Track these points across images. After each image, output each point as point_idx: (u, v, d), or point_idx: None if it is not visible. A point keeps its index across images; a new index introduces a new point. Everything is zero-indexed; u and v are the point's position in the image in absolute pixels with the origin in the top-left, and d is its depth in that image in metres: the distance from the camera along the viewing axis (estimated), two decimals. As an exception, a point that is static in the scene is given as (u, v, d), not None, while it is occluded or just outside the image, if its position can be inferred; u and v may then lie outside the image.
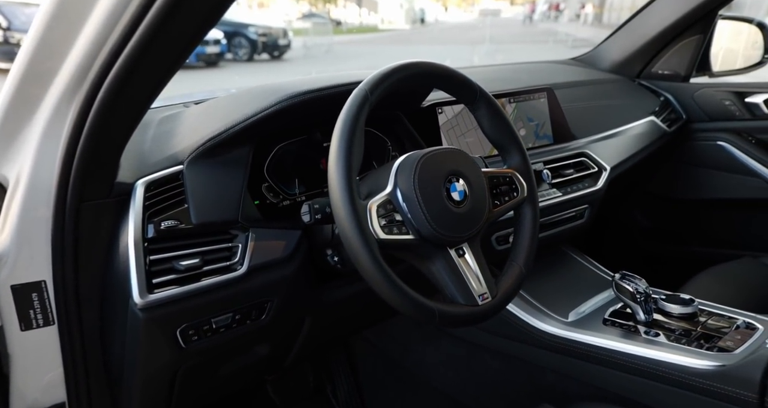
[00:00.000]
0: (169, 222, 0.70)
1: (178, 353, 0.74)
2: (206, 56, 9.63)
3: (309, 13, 25.60)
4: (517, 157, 0.81)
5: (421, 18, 30.67)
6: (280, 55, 11.74)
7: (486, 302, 0.70)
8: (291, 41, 12.00)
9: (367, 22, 30.28)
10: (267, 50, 11.38)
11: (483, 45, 14.58)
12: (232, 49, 10.88)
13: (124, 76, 0.54)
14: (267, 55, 11.47)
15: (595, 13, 23.68)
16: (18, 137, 0.66)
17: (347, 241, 0.61)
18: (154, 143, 0.79)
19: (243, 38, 10.91)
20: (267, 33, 11.23)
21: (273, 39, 11.33)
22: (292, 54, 12.27)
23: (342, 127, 0.64)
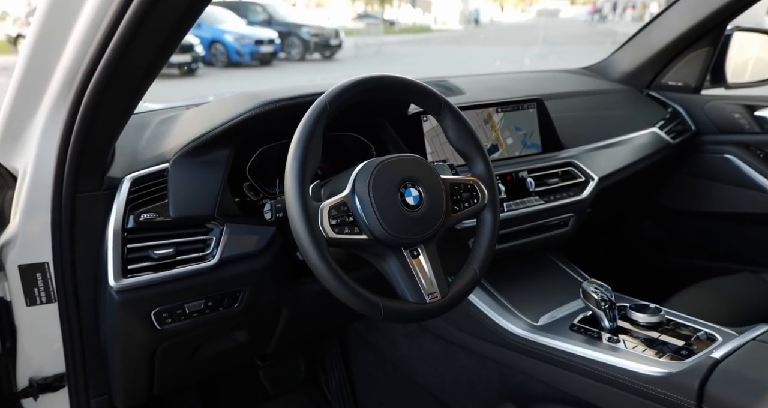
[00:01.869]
0: (148, 214, 0.78)
1: (154, 333, 0.82)
2: (260, 55, 10.02)
3: (363, 13, 25.91)
4: (480, 166, 0.84)
5: (476, 18, 30.25)
6: (332, 55, 11.98)
7: (434, 301, 0.74)
8: (342, 41, 12.22)
9: (421, 22, 30.21)
10: (318, 50, 11.65)
11: (536, 46, 14.23)
12: (286, 49, 11.24)
13: (102, 83, 0.60)
14: (318, 54, 11.76)
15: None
16: (24, 133, 0.73)
17: (298, 239, 0.68)
18: (148, 143, 0.88)
19: (296, 38, 11.24)
20: (319, 33, 11.50)
21: (325, 39, 11.58)
22: (343, 54, 12.49)
23: (299, 135, 0.71)
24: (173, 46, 0.61)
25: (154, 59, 0.61)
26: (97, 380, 0.87)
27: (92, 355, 0.85)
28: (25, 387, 0.82)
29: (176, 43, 0.61)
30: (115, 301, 0.77)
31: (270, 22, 11.22)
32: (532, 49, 13.57)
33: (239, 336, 0.98)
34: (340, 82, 0.76)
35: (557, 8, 44.62)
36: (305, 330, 1.16)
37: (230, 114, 0.83)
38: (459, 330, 1.17)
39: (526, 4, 46.28)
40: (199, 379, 1.03)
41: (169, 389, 0.97)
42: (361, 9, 30.23)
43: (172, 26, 0.57)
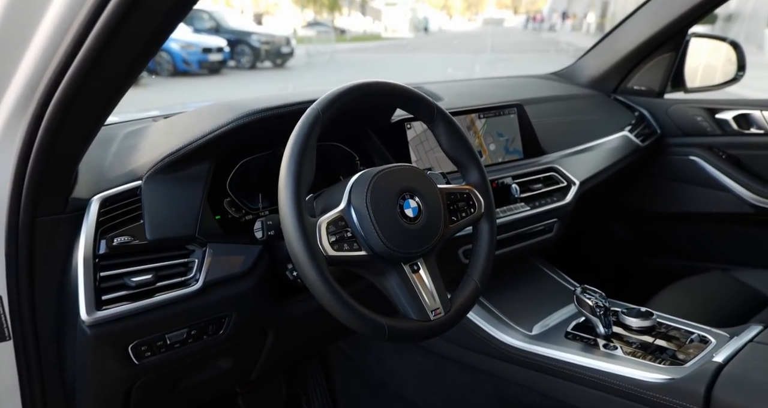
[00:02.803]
0: (122, 238, 0.71)
1: (131, 369, 0.74)
2: (209, 64, 9.73)
3: (313, 21, 25.81)
4: (475, 174, 0.82)
5: (425, 27, 30.87)
6: (283, 63, 11.83)
7: (438, 317, 0.70)
8: (294, 49, 12.10)
9: (371, 30, 30.48)
10: (270, 58, 11.47)
11: (485, 54, 14.67)
12: (235, 57, 10.98)
13: (72, 92, 0.53)
14: (270, 62, 11.57)
15: (597, 22, 23.78)
16: None
17: (295, 259, 0.63)
18: (115, 158, 0.80)
19: (246, 46, 11.01)
20: (270, 41, 11.33)
21: (276, 47, 11.42)
22: (295, 62, 12.37)
23: (292, 146, 0.66)
24: (153, 52, 0.54)
25: (132, 67, 0.54)
26: None
27: (55, 396, 0.76)
28: None
29: (157, 47, 0.54)
30: (87, 336, 0.69)
31: (218, 30, 10.94)
32: (480, 56, 13.97)
33: (223, 364, 0.91)
34: (332, 90, 0.71)
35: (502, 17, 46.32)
36: (291, 353, 1.10)
37: (211, 125, 0.76)
38: (450, 343, 1.14)
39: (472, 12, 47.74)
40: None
41: None
42: (311, 17, 30.11)
43: (155, 29, 0.51)
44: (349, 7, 32.39)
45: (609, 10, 22.96)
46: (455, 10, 50.29)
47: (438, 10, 43.28)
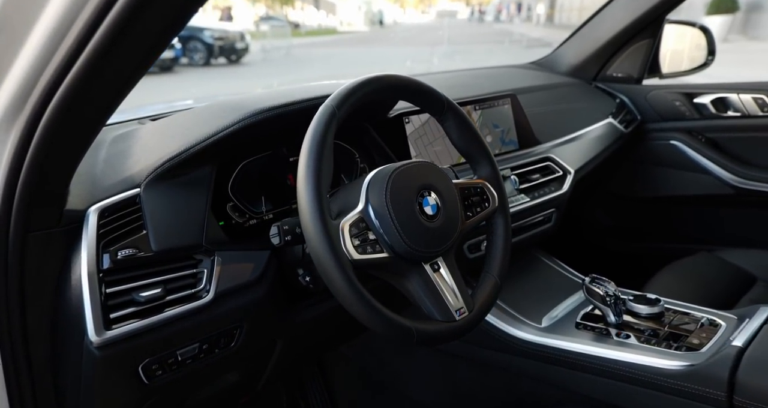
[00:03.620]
0: (126, 251, 0.66)
1: (142, 390, 0.70)
2: (160, 61, 9.33)
3: (266, 16, 25.21)
4: (487, 167, 0.80)
5: (380, 20, 30.79)
6: (238, 59, 11.52)
7: (463, 317, 0.69)
8: (249, 45, 11.79)
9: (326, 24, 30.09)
10: (224, 54, 11.14)
11: (442, 46, 14.77)
12: (188, 54, 10.60)
13: (72, 97, 0.49)
14: (224, 59, 11.23)
15: (546, 14, 24.44)
16: None
17: (320, 264, 0.59)
18: (108, 165, 0.74)
19: (199, 42, 10.64)
20: (224, 37, 11.00)
21: (230, 43, 11.11)
22: (251, 58, 12.06)
23: (310, 146, 0.62)
24: (160, 52, 0.50)
25: (137, 67, 0.50)
26: None
27: None
28: None
29: (164, 47, 0.49)
30: (95, 358, 0.64)
31: (168, 26, 10.47)
32: (437, 49, 14.05)
33: (230, 377, 0.87)
34: (345, 84, 0.68)
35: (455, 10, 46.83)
36: (298, 360, 1.06)
37: (214, 126, 0.71)
38: (458, 340, 1.11)
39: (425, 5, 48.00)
40: None
41: None
42: (263, 11, 29.40)
43: (164, 27, 0.47)
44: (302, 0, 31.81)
45: (557, 2, 23.63)
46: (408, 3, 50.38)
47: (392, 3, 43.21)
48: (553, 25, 21.33)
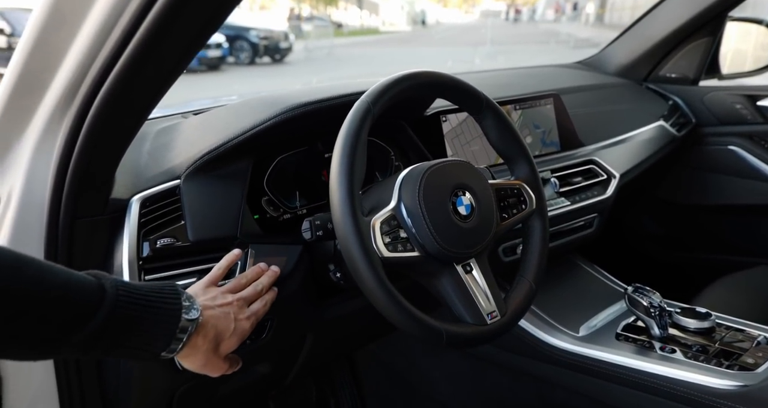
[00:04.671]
0: (165, 240, 0.68)
1: (176, 375, 0.71)
2: (208, 60, 9.64)
3: (310, 16, 25.63)
4: (525, 168, 0.78)
5: (422, 20, 30.69)
6: (282, 58, 11.75)
7: (495, 321, 0.67)
8: (293, 44, 12.01)
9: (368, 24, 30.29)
10: (268, 53, 11.39)
11: (484, 46, 14.56)
12: (234, 53, 10.90)
13: (118, 89, 0.51)
14: (268, 58, 11.48)
15: (597, 13, 23.65)
16: (9, 152, 0.64)
17: (350, 260, 0.59)
18: (151, 157, 0.76)
19: (245, 42, 10.93)
20: (269, 36, 11.25)
21: (274, 42, 11.35)
22: (294, 57, 12.28)
23: (344, 142, 0.62)
24: (199, 47, 0.51)
25: (179, 61, 0.51)
26: None
27: (92, 401, 0.74)
28: None
29: (204, 42, 0.51)
30: None
31: (216, 25, 10.82)
32: (480, 49, 13.85)
33: (261, 369, 0.88)
34: (380, 81, 0.67)
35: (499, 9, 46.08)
36: (328, 355, 1.06)
37: (252, 121, 0.72)
38: (490, 344, 1.09)
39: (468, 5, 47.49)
40: None
41: None
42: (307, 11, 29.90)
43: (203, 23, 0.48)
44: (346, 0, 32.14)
45: (608, 0, 22.81)
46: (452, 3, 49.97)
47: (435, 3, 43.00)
48: (603, 25, 20.61)
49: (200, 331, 0.55)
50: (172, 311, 0.52)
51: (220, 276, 0.65)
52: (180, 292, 0.54)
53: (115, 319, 0.47)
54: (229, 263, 0.67)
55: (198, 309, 0.55)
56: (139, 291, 0.50)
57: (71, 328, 0.45)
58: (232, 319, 0.59)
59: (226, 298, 0.61)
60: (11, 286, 0.42)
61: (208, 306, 0.58)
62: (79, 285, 0.46)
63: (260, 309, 0.65)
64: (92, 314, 0.46)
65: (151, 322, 0.50)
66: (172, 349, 0.53)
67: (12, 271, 0.43)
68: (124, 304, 0.48)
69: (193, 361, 0.57)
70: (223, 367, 0.60)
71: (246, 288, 0.65)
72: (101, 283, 0.48)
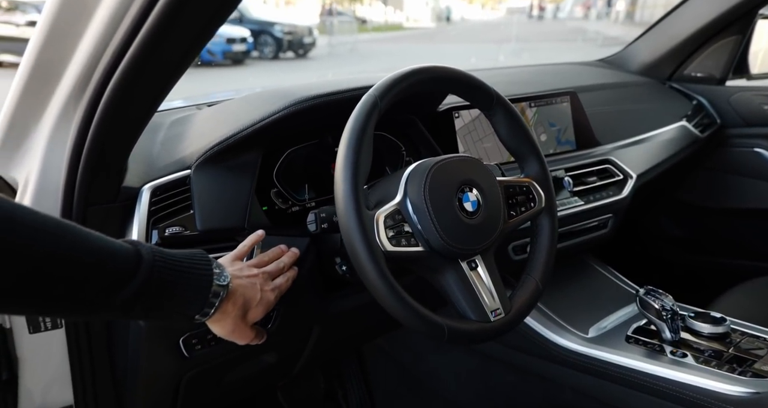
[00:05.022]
0: (174, 228, 0.69)
1: (182, 362, 0.73)
2: (233, 54, 9.75)
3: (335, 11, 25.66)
4: (535, 166, 0.77)
5: (447, 16, 30.40)
6: (305, 53, 11.79)
7: (499, 318, 0.67)
8: (316, 39, 12.05)
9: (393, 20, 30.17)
10: (292, 48, 11.44)
11: (509, 43, 14.36)
12: (258, 47, 10.98)
13: (128, 79, 0.52)
14: (292, 53, 11.54)
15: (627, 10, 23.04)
16: (26, 139, 0.66)
17: (353, 253, 0.59)
18: (163, 147, 0.78)
19: (269, 36, 11.00)
20: (293, 31, 11.30)
21: (298, 37, 11.39)
22: (317, 52, 12.31)
23: (349, 135, 0.62)
24: (209, 37, 0.52)
25: (189, 50, 0.52)
26: None
27: (104, 384, 0.76)
28: None
29: (213, 31, 0.51)
30: (140, 328, 0.69)
31: (241, 20, 10.92)
32: (504, 46, 13.66)
33: (268, 358, 0.89)
34: (388, 75, 0.67)
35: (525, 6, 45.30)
36: (334, 348, 1.07)
37: (261, 113, 0.73)
38: (498, 343, 1.08)
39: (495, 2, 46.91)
40: (222, 406, 0.93)
41: None
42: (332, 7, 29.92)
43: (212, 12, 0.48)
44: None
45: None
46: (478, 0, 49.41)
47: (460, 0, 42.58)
48: (634, 23, 20.06)
49: (230, 298, 0.57)
50: (204, 277, 0.54)
51: (245, 253, 0.68)
52: (211, 260, 0.57)
53: (151, 283, 0.49)
54: (253, 242, 0.70)
55: (228, 276, 0.57)
56: (173, 257, 0.53)
57: (110, 292, 0.48)
58: (258, 289, 0.62)
59: (252, 270, 0.64)
60: (55, 253, 0.44)
61: (237, 275, 0.60)
62: (118, 251, 0.48)
63: (283, 284, 0.67)
64: (130, 279, 0.48)
65: (186, 287, 0.53)
66: (205, 313, 0.55)
67: (56, 238, 0.44)
68: (159, 270, 0.50)
69: (222, 325, 0.59)
70: (249, 334, 0.62)
71: (268, 265, 0.68)
72: (138, 249, 0.50)
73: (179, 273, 0.52)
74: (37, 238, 0.43)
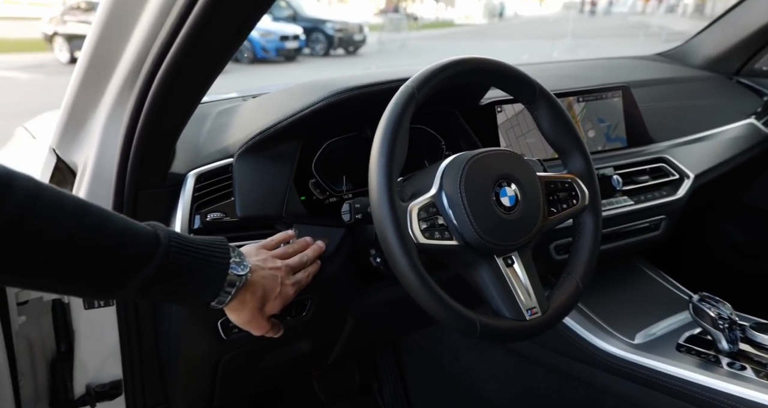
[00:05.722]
0: (215, 214, 0.71)
1: (219, 344, 0.76)
2: (286, 51, 10.00)
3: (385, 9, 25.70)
4: (579, 161, 0.74)
5: (500, 12, 29.71)
6: (355, 50, 11.89)
7: (535, 317, 0.65)
8: (366, 36, 12.12)
9: (444, 17, 29.85)
10: (342, 45, 11.57)
11: (564, 39, 13.85)
12: (310, 45, 11.19)
13: (174, 69, 0.54)
14: (342, 50, 11.68)
15: (695, 3, 21.64)
16: (84, 126, 0.70)
17: (385, 244, 0.59)
18: (209, 136, 0.81)
19: (320, 34, 11.18)
20: (343, 28, 11.43)
21: (349, 34, 11.51)
22: (367, 49, 12.38)
23: (385, 126, 0.61)
24: (251, 26, 0.53)
25: (232, 40, 0.53)
26: (154, 389, 0.82)
27: (150, 362, 0.80)
28: (83, 394, 0.78)
29: (253, 24, 0.53)
30: (183, 310, 0.71)
31: (295, 18, 11.19)
32: (559, 42, 13.19)
33: (303, 346, 0.91)
34: (426, 66, 0.66)
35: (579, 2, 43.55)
36: (368, 340, 1.07)
37: (301, 103, 0.74)
38: (538, 345, 1.05)
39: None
40: (258, 390, 0.97)
41: (228, 400, 0.91)
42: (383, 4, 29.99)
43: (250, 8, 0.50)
44: (422, -7, 31.93)
45: (709, -11, 20.78)
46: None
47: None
48: (703, 17, 18.81)
49: (249, 289, 0.58)
50: (220, 265, 0.54)
51: (272, 247, 0.68)
52: (229, 248, 0.57)
53: (166, 267, 0.50)
54: (282, 238, 0.70)
55: (247, 266, 0.57)
56: (191, 243, 0.53)
57: (127, 273, 0.48)
58: (278, 282, 0.62)
59: (276, 262, 0.64)
60: (75, 234, 0.45)
61: (259, 266, 0.61)
62: (137, 233, 0.49)
63: (303, 279, 0.67)
64: (147, 261, 0.49)
65: (201, 273, 0.53)
66: (220, 301, 0.55)
67: (76, 218, 0.45)
68: (175, 254, 0.50)
69: (239, 315, 0.60)
70: (265, 326, 0.63)
71: (292, 257, 0.68)
72: (156, 232, 0.51)
73: (195, 259, 0.52)
74: (58, 218, 0.44)
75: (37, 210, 0.43)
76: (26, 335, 0.74)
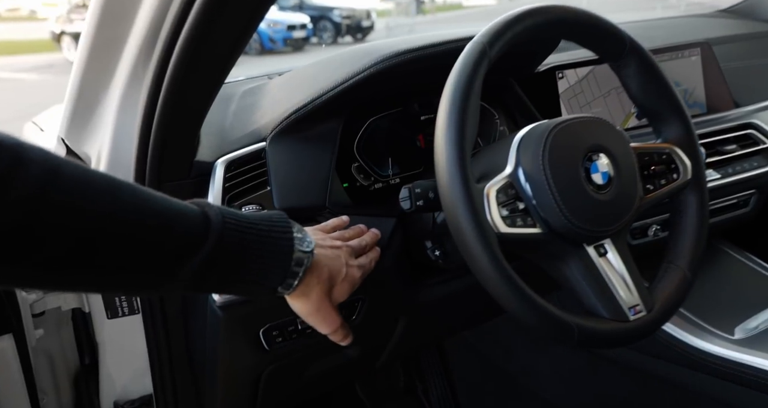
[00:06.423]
0: (250, 207, 0.63)
1: (262, 355, 0.68)
2: (293, 41, 9.93)
3: (391, -7, 25.39)
4: (679, 128, 0.63)
5: (509, -9, 29.23)
6: (363, 37, 11.77)
7: (639, 317, 0.55)
8: (374, 22, 11.98)
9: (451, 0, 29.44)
10: (350, 32, 11.46)
11: (578, 15, 13.48)
12: (317, 33, 11.09)
13: (194, 41, 0.46)
14: (350, 37, 11.55)
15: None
16: (96, 112, 0.63)
17: (459, 236, 0.49)
18: (236, 118, 0.71)
19: (328, 21, 11.08)
20: (351, 15, 11.32)
21: (356, 21, 11.40)
22: (375, 36, 12.23)
23: (453, 91, 0.51)
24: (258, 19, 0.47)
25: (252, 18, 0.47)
26: (188, 404, 0.75)
27: (182, 374, 0.73)
28: None
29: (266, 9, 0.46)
30: (219, 318, 0.63)
31: (301, 7, 11.10)
32: (573, 18, 12.84)
33: (350, 352, 0.82)
34: (499, 18, 0.55)
35: (595, -26, 42.60)
36: (421, 341, 0.98)
37: (343, 74, 0.63)
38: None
39: (560, -28, 44.59)
40: (302, 400, 0.88)
41: None
42: (389, -11, 29.63)
43: None
44: (428, -24, 31.42)
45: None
46: (541, -29, 46.85)
47: (522, -27, 40.45)
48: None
49: (314, 270, 0.50)
50: (285, 240, 0.47)
51: (328, 230, 0.60)
52: (291, 222, 0.49)
53: (223, 250, 0.42)
54: (337, 224, 0.62)
55: (312, 242, 0.50)
56: (247, 219, 0.45)
57: (175, 262, 0.41)
58: (343, 262, 0.53)
59: (335, 242, 0.55)
60: (113, 213, 0.37)
61: (320, 245, 0.52)
62: (181, 213, 0.41)
63: (367, 264, 0.58)
64: (198, 245, 0.41)
65: (264, 252, 0.45)
66: (288, 284, 0.47)
67: (111, 196, 0.37)
68: (232, 234, 0.43)
69: (305, 302, 0.50)
70: (336, 319, 0.53)
71: (351, 240, 0.59)
72: (205, 211, 0.43)
73: (255, 237, 0.44)
74: (89, 195, 0.36)
75: (62, 187, 0.35)
76: (45, 349, 0.69)
